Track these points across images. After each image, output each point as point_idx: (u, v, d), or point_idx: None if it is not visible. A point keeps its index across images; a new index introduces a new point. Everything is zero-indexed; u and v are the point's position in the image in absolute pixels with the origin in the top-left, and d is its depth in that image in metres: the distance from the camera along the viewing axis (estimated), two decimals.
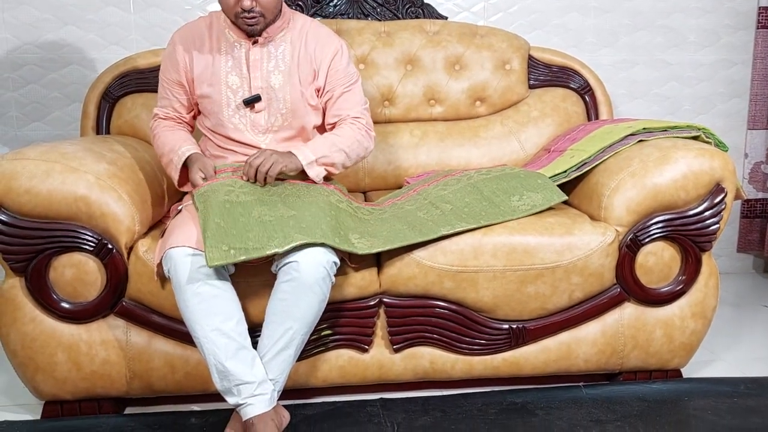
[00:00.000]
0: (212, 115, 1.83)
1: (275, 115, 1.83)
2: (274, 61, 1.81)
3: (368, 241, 1.64)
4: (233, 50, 1.80)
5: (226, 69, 1.80)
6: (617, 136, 1.93)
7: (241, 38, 1.80)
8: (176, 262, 1.53)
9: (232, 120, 1.81)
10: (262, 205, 1.63)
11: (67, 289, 1.68)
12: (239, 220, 1.57)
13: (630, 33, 2.68)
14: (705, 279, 1.85)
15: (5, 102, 2.46)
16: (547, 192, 1.86)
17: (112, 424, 1.70)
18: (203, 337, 1.53)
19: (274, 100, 1.81)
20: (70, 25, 2.43)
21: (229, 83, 1.80)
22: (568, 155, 2.02)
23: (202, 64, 1.80)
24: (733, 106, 2.78)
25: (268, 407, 1.54)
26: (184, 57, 1.81)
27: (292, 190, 1.72)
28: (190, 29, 1.83)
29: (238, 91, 1.80)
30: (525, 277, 1.75)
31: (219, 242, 1.51)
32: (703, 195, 1.80)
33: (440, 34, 2.38)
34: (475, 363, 1.82)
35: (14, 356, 1.70)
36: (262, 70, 1.80)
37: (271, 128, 1.83)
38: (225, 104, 1.80)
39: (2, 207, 1.62)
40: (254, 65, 1.80)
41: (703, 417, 1.71)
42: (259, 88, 1.80)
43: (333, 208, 1.70)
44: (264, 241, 1.52)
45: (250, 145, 1.83)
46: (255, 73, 1.80)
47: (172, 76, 1.83)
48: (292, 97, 1.82)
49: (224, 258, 1.49)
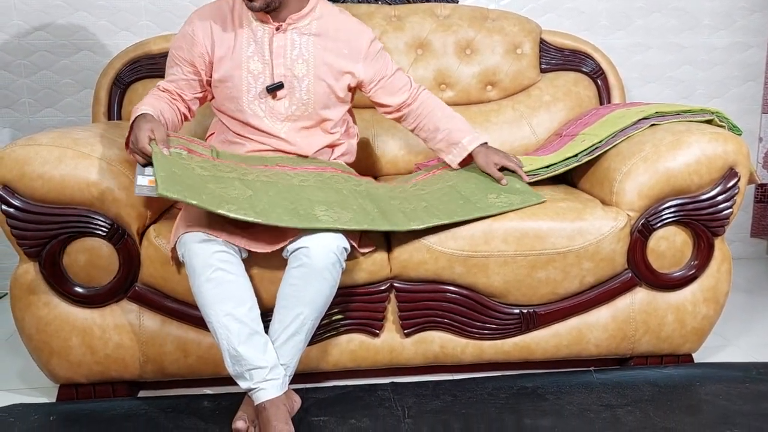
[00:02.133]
0: (230, 100, 1.81)
1: (296, 104, 1.81)
2: (298, 49, 1.79)
3: (336, 214, 1.59)
4: (256, 35, 1.78)
5: (248, 54, 1.78)
6: (629, 120, 1.91)
7: (265, 23, 1.78)
8: (190, 247, 1.54)
9: (251, 106, 1.80)
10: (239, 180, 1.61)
11: (81, 274, 1.69)
12: (213, 176, 1.58)
13: (643, 16, 2.65)
14: (717, 264, 1.84)
15: (17, 88, 2.47)
16: (525, 195, 1.80)
17: (126, 407, 1.72)
18: (216, 322, 1.54)
19: (296, 89, 1.80)
20: (82, 11, 2.43)
21: (250, 68, 1.78)
22: (579, 140, 2.01)
23: (224, 47, 1.78)
24: (748, 89, 2.75)
25: (280, 392, 1.55)
26: (203, 39, 1.78)
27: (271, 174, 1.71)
28: (212, 10, 1.81)
29: (260, 77, 1.79)
30: (536, 262, 1.75)
31: (175, 179, 1.49)
32: (716, 179, 1.79)
33: (451, 17, 2.36)
34: (486, 347, 1.82)
35: (29, 340, 1.73)
36: (286, 57, 1.78)
37: (290, 117, 1.82)
38: (245, 90, 1.79)
39: (16, 192, 1.63)
40: (277, 52, 1.78)
41: (714, 402, 1.70)
42: (281, 76, 1.79)
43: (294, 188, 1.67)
44: (216, 203, 1.49)
45: (267, 132, 1.82)
46: (278, 60, 1.78)
47: (186, 54, 1.80)
48: (316, 87, 1.81)
49: (175, 192, 1.45)
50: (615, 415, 1.65)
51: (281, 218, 1.53)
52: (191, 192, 1.49)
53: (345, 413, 1.67)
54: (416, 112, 1.92)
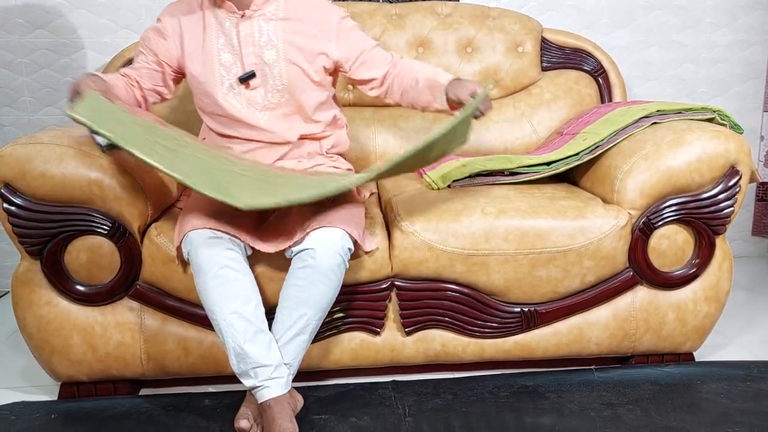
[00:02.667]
0: (207, 95, 1.79)
1: (272, 92, 1.78)
2: (266, 35, 1.75)
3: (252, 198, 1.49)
4: (223, 26, 1.75)
5: (218, 46, 1.75)
6: (631, 118, 1.91)
7: (230, 13, 1.75)
8: (196, 245, 1.54)
9: (228, 99, 1.77)
10: None
11: (82, 272, 1.69)
12: None
13: (644, 14, 2.64)
14: (718, 262, 1.84)
15: (18, 87, 2.47)
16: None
17: (127, 405, 1.73)
18: (222, 320, 1.54)
19: (269, 77, 1.77)
20: (82, 9, 2.43)
21: (222, 61, 1.75)
22: (580, 138, 2.01)
23: (193, 43, 1.76)
24: (749, 87, 2.75)
25: (284, 390, 1.55)
26: (172, 34, 1.77)
27: None
28: (182, 6, 1.80)
29: (231, 68, 1.76)
30: (537, 260, 1.75)
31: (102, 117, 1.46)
32: (717, 178, 1.79)
33: (452, 16, 2.36)
34: (487, 346, 1.82)
35: (31, 339, 1.73)
36: (254, 45, 1.75)
37: (268, 105, 1.79)
38: (219, 83, 1.76)
39: (17, 191, 1.63)
40: (245, 40, 1.75)
41: (715, 400, 1.70)
42: (252, 65, 1.76)
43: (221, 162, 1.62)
44: (133, 144, 1.45)
45: (247, 123, 1.79)
46: (247, 48, 1.75)
47: (152, 45, 1.79)
48: (288, 72, 1.77)
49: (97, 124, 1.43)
50: (616, 413, 1.65)
51: (195, 182, 1.44)
52: (118, 135, 1.43)
53: (346, 411, 1.67)
54: (398, 77, 1.83)
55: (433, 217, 1.74)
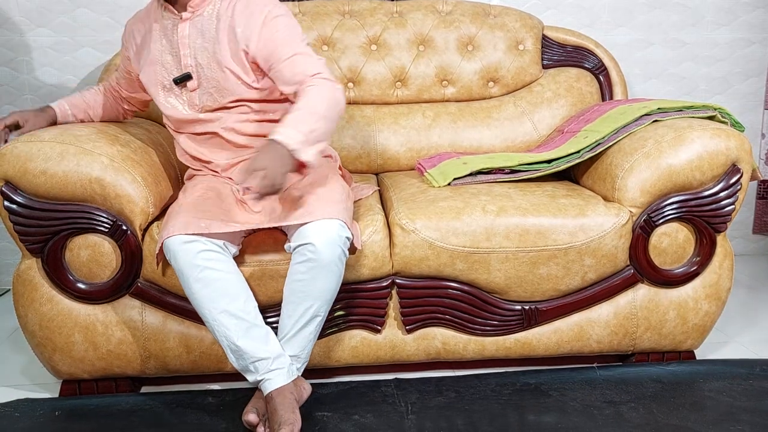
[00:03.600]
0: (156, 98, 1.78)
1: (206, 94, 1.73)
2: (201, 37, 1.71)
3: None
4: (166, 29, 1.74)
5: (161, 48, 1.74)
6: (631, 116, 1.91)
7: (171, 15, 1.73)
8: (174, 250, 1.54)
9: (169, 100, 1.76)
10: None
11: (83, 270, 1.69)
12: None
13: (645, 12, 2.64)
14: (719, 260, 1.84)
15: (19, 85, 2.47)
16: None
17: (131, 403, 1.73)
18: (213, 320, 1.55)
19: (203, 78, 1.72)
20: (83, 7, 2.43)
21: (163, 62, 1.75)
22: (581, 136, 2.01)
23: (144, 48, 1.77)
24: (750, 85, 2.74)
25: (287, 380, 1.56)
26: (128, 42, 1.81)
27: None
28: (138, 14, 1.83)
29: (172, 70, 1.74)
30: (538, 258, 1.75)
31: None
32: (718, 176, 1.79)
33: (453, 14, 2.36)
34: (488, 344, 1.82)
35: (32, 336, 1.73)
36: (192, 47, 1.71)
37: (204, 107, 1.75)
38: (160, 84, 1.76)
39: (18, 189, 1.63)
40: (182, 42, 1.71)
41: (718, 399, 1.70)
42: (189, 66, 1.72)
43: None
44: None
45: (191, 120, 1.75)
46: (184, 50, 1.71)
47: (122, 58, 1.86)
48: (217, 75, 1.70)
49: None
50: (618, 411, 1.65)
51: None
52: None
53: (348, 409, 1.67)
54: None
55: (433, 215, 1.74)
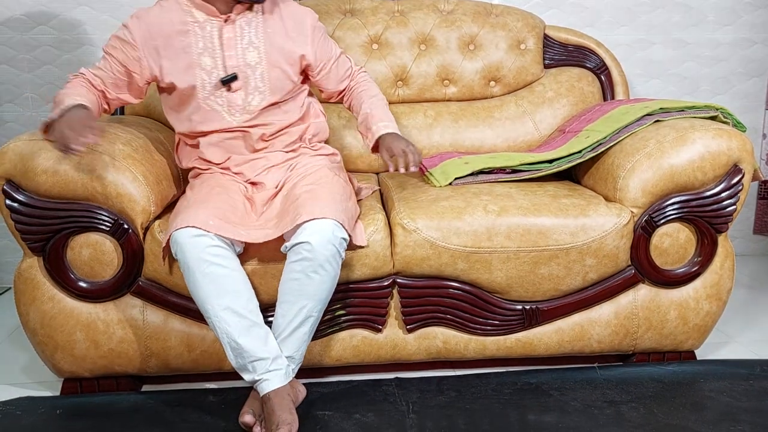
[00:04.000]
0: (187, 101, 1.76)
1: (253, 94, 1.77)
2: (248, 37, 1.75)
3: None
4: (204, 30, 1.73)
5: (198, 50, 1.73)
6: (633, 116, 1.91)
7: (211, 16, 1.73)
8: (182, 243, 1.54)
9: (208, 102, 1.75)
10: None
11: (85, 269, 1.69)
12: None
13: (647, 12, 2.64)
14: (721, 261, 1.84)
15: (21, 83, 2.47)
16: None
17: (132, 401, 1.73)
18: (215, 316, 1.55)
19: (251, 78, 1.76)
20: (84, 5, 2.43)
21: (202, 65, 1.73)
22: (583, 136, 2.01)
23: (171, 53, 1.72)
24: (752, 86, 2.74)
25: (284, 382, 1.56)
26: (142, 45, 1.71)
27: None
28: (150, 16, 1.73)
29: (212, 72, 1.74)
30: (539, 258, 1.75)
31: None
32: (720, 176, 1.79)
33: (454, 13, 2.36)
34: (488, 343, 1.82)
35: (34, 335, 1.73)
36: (237, 48, 1.74)
37: (248, 108, 1.77)
38: (200, 87, 1.74)
39: (20, 187, 1.63)
40: (228, 44, 1.73)
41: (718, 399, 1.71)
42: (234, 67, 1.74)
43: None
44: None
45: (226, 129, 1.77)
46: (229, 51, 1.73)
47: (119, 55, 1.72)
48: (270, 74, 1.77)
49: None
50: (619, 411, 1.65)
51: None
52: None
53: (350, 408, 1.67)
54: (351, 92, 1.92)
55: (435, 215, 1.74)
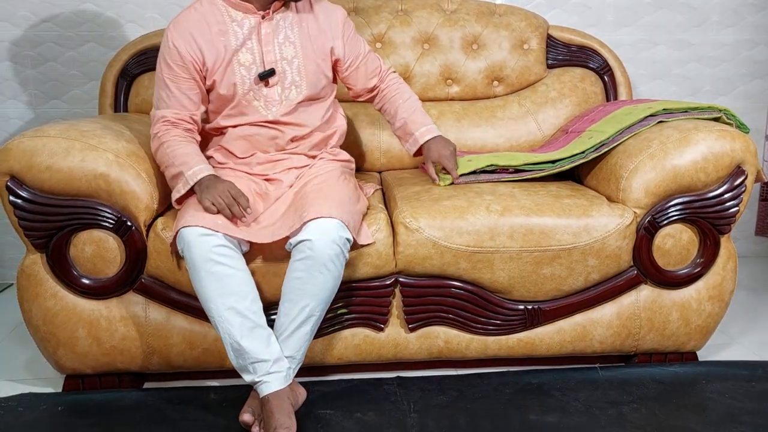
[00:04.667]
0: (224, 99, 1.78)
1: (289, 88, 1.80)
2: (284, 32, 1.79)
3: None
4: (242, 28, 1.76)
5: (236, 48, 1.76)
6: (636, 117, 1.91)
7: (248, 14, 1.77)
8: (189, 241, 1.54)
9: (246, 97, 1.78)
10: None
11: (88, 266, 1.70)
12: None
13: (651, 12, 2.64)
14: (723, 262, 1.84)
15: (24, 80, 2.47)
16: None
17: (134, 398, 1.73)
18: (218, 316, 1.55)
19: (288, 73, 1.80)
20: (88, 2, 2.43)
21: (241, 61, 1.76)
22: (586, 136, 2.01)
23: (213, 52, 1.74)
24: (755, 87, 2.74)
25: (284, 384, 1.56)
26: (187, 50, 1.72)
27: None
28: (187, 21, 1.74)
29: (251, 67, 1.77)
30: (541, 258, 1.75)
31: None
32: (723, 177, 1.79)
33: (458, 12, 2.36)
34: (490, 343, 1.82)
35: (36, 331, 1.73)
36: (274, 43, 1.78)
37: (285, 101, 1.80)
38: (240, 83, 1.77)
39: (23, 184, 1.64)
40: (266, 39, 1.77)
41: (720, 400, 1.71)
42: (272, 62, 1.78)
43: None
44: None
45: (262, 123, 1.80)
46: (267, 47, 1.77)
47: (179, 70, 1.73)
48: (307, 68, 1.81)
49: None
50: (620, 412, 1.65)
51: None
52: None
53: (351, 407, 1.67)
54: (382, 94, 1.96)
55: (437, 214, 1.74)
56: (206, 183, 1.63)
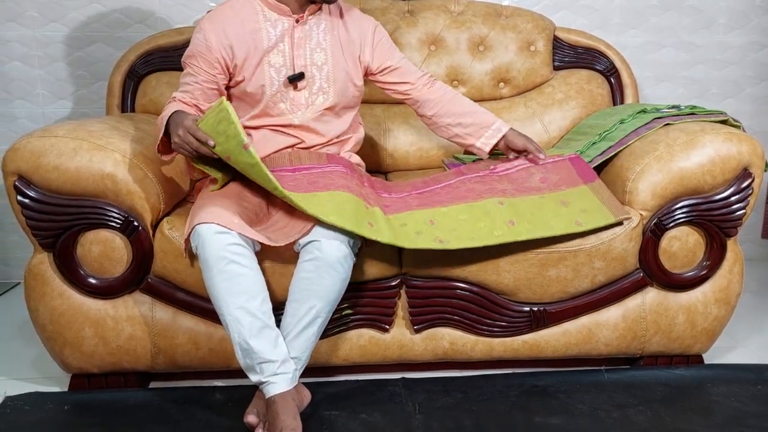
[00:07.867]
0: (252, 97, 1.80)
1: (316, 94, 1.83)
2: (316, 38, 1.82)
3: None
4: (275, 29, 1.78)
5: (267, 48, 1.78)
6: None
7: (283, 16, 1.79)
8: (204, 239, 1.54)
9: (274, 99, 1.80)
10: None
11: (94, 265, 1.70)
12: None
13: (657, 14, 2.63)
14: (730, 265, 1.84)
15: (32, 79, 2.48)
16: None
17: (140, 398, 1.74)
18: (228, 314, 1.55)
19: (317, 78, 1.82)
20: (96, 3, 2.44)
21: (272, 62, 1.78)
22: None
23: (244, 50, 1.76)
24: (763, 89, 2.73)
25: (290, 386, 1.56)
26: (218, 45, 1.73)
27: None
28: (222, 15, 1.77)
29: (281, 70, 1.79)
30: (547, 260, 1.75)
31: None
32: (729, 180, 1.78)
33: (464, 14, 2.36)
34: (495, 345, 1.82)
35: (43, 330, 1.74)
36: (305, 48, 1.80)
37: (311, 106, 1.83)
38: (269, 84, 1.78)
39: (31, 183, 1.64)
40: (298, 43, 1.80)
41: (726, 403, 1.70)
42: (302, 66, 1.80)
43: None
44: None
45: (287, 125, 1.82)
46: (298, 51, 1.80)
47: (202, 63, 1.74)
48: (336, 74, 1.83)
49: None
50: (626, 414, 1.65)
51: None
52: None
53: (356, 408, 1.68)
54: (435, 99, 1.92)
55: None
56: (176, 120, 1.62)
